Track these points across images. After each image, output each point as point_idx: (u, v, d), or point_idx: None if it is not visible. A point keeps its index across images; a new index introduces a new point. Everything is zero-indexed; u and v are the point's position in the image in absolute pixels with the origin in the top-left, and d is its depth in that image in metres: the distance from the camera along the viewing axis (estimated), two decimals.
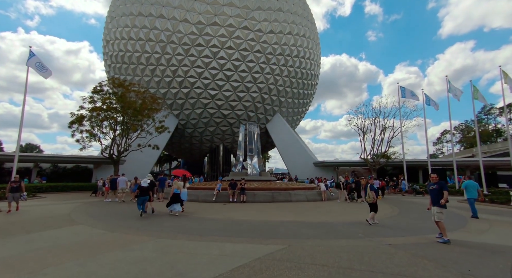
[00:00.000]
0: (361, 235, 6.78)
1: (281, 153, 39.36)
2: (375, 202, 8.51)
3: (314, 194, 16.44)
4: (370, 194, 8.59)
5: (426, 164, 32.62)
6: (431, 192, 6.74)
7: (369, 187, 8.76)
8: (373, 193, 8.57)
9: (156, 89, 36.94)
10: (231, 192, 14.60)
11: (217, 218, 9.44)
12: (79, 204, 13.96)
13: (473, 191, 10.30)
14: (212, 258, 4.79)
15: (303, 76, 41.85)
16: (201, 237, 6.42)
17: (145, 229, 7.44)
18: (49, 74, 18.20)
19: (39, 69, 17.57)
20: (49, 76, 18.47)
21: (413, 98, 24.41)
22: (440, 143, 70.30)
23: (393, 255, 5.00)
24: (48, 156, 30.21)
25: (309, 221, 8.87)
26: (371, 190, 8.62)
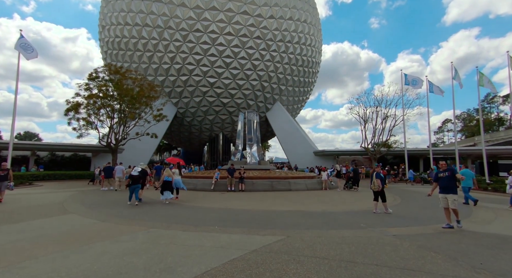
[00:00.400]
0: (363, 225, 6.49)
1: (281, 142, 39.05)
2: (380, 190, 8.23)
3: (314, 183, 16.19)
4: (375, 182, 8.32)
5: (427, 153, 32.33)
6: (441, 179, 6.52)
7: (374, 175, 8.47)
8: (379, 181, 8.29)
9: (154, 76, 36.25)
10: (229, 181, 14.33)
11: (213, 207, 9.17)
12: (75, 193, 13.72)
13: (468, 180, 10.37)
14: (205, 250, 4.49)
15: (304, 64, 41.00)
16: (196, 228, 6.13)
17: (138, 219, 7.16)
18: (34, 56, 17.48)
19: (24, 49, 16.89)
20: (32, 58, 17.74)
21: (415, 87, 23.79)
22: (441, 132, 69.90)
23: (398, 247, 4.70)
24: (45, 144, 29.92)
25: (309, 210, 8.59)
26: (376, 178, 8.33)
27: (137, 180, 10.13)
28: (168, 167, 12.41)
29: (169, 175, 10.58)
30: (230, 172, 14.53)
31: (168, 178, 10.48)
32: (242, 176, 14.54)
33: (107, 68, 25.85)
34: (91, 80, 24.89)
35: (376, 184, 8.28)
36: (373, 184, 8.38)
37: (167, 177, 10.47)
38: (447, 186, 6.38)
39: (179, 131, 44.31)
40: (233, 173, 14.51)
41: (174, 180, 10.89)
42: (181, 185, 11.37)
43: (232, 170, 14.63)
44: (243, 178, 14.52)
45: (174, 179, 10.90)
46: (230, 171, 14.61)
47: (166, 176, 10.48)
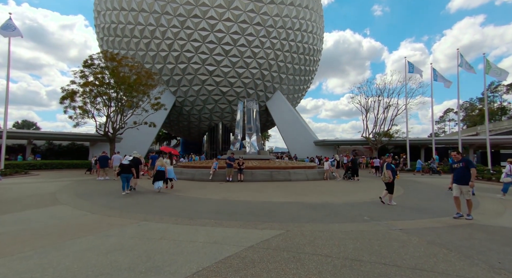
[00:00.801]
0: (367, 217, 6.15)
1: (281, 131, 38.60)
2: (391, 181, 7.92)
3: (314, 173, 15.86)
4: (386, 173, 7.96)
5: (428, 143, 31.96)
6: (455, 171, 6.48)
7: (385, 166, 8.11)
8: (390, 172, 7.95)
9: (152, 64, 35.47)
10: (228, 171, 13.99)
11: (211, 198, 8.84)
12: (70, 182, 13.41)
13: None
14: (197, 246, 4.14)
15: (305, 51, 40.05)
16: (190, 221, 5.79)
17: (130, 210, 6.83)
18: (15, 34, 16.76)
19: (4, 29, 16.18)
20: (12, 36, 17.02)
21: (420, 74, 23.15)
22: (443, 122, 69.31)
23: (406, 243, 4.35)
24: (42, 133, 29.50)
25: (309, 202, 8.26)
26: (387, 169, 7.98)
27: (127, 169, 10.02)
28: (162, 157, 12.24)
29: (162, 164, 10.53)
30: (229, 162, 14.14)
31: (161, 167, 10.44)
32: (241, 167, 14.18)
33: (103, 55, 25.14)
34: (86, 67, 24.24)
35: (387, 176, 7.93)
36: (384, 175, 8.04)
37: (160, 167, 10.44)
38: (461, 177, 6.36)
39: (178, 120, 43.79)
40: (232, 163, 14.11)
41: (168, 170, 10.84)
42: (172, 175, 11.23)
43: (231, 160, 14.22)
44: (242, 168, 14.17)
45: (168, 168, 10.84)
46: (229, 161, 14.20)
47: (159, 165, 10.46)
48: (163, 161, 10.87)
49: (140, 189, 11.32)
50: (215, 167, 14.42)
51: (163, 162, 10.68)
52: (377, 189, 11.62)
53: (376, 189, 11.82)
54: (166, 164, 10.77)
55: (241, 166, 14.28)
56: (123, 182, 9.93)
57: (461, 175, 6.34)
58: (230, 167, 13.99)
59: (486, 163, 21.73)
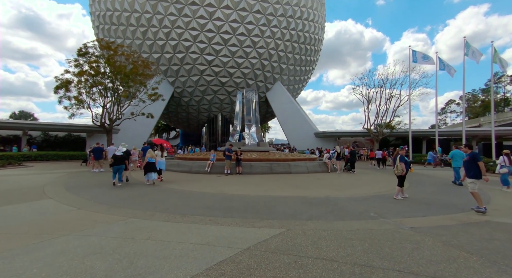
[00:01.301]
0: (373, 214, 5.71)
1: (281, 123, 38.04)
2: (404, 175, 7.53)
3: (315, 165, 15.42)
4: (399, 166, 7.52)
5: (431, 135, 31.47)
6: (464, 164, 6.42)
7: (398, 158, 7.64)
8: (403, 165, 7.52)
9: (149, 53, 34.65)
10: (226, 164, 13.53)
11: (207, 192, 8.40)
12: (63, 175, 12.98)
13: (459, 160, 10.68)
14: (188, 248, 3.70)
15: (306, 41, 39.09)
16: (182, 218, 5.34)
17: (120, 206, 6.38)
18: None
19: None
20: None
21: (426, 63, 22.40)
22: (444, 113, 68.59)
23: (420, 245, 3.91)
24: (37, 124, 28.95)
25: (311, 196, 7.82)
26: (401, 161, 7.54)
27: (120, 160, 9.95)
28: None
29: (152, 156, 10.35)
30: (227, 154, 13.66)
31: (151, 159, 10.26)
32: (239, 158, 13.70)
33: (98, 43, 24.32)
34: (80, 56, 23.50)
35: (400, 168, 7.48)
36: (397, 167, 7.58)
37: (150, 158, 10.26)
38: (467, 170, 6.42)
39: (177, 111, 43.18)
40: (231, 155, 13.63)
41: (159, 161, 10.80)
42: (162, 166, 11.22)
43: (229, 151, 13.73)
44: (240, 160, 13.70)
45: (158, 160, 10.79)
46: (227, 152, 13.71)
47: (149, 157, 10.26)
48: (153, 152, 10.70)
49: (134, 181, 10.91)
50: (213, 159, 13.96)
51: (153, 154, 10.49)
52: (382, 182, 11.22)
53: (381, 182, 11.41)
54: (156, 156, 10.61)
55: (239, 156, 13.75)
56: (114, 174, 9.82)
57: (467, 168, 6.38)
58: (229, 159, 13.51)
59: (488, 155, 21.28)
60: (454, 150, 11.58)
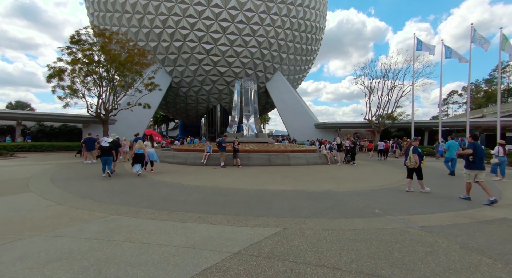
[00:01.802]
0: (378, 210, 5.24)
1: (280, 113, 37.41)
2: (417, 166, 7.22)
3: (315, 157, 14.94)
4: (412, 158, 7.18)
5: (434, 125, 30.93)
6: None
7: (411, 150, 7.28)
8: (416, 156, 7.16)
9: (146, 42, 33.77)
10: (222, 156, 13.00)
11: (200, 185, 7.92)
12: (53, 166, 12.52)
13: (454, 151, 10.86)
14: (169, 252, 3.23)
15: (307, 29, 38.06)
16: (169, 214, 4.87)
17: (104, 200, 5.92)
18: None
19: None
20: None
21: (430, 52, 21.65)
22: (446, 104, 67.78)
23: (434, 248, 3.44)
24: (32, 114, 28.35)
25: (310, 190, 7.35)
26: (414, 153, 7.19)
27: (108, 151, 9.75)
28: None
29: (140, 147, 10.24)
30: (220, 146, 12.98)
31: (139, 150, 10.15)
32: (236, 149, 13.15)
33: (91, 30, 23.44)
34: (73, 44, 22.69)
35: (413, 160, 7.15)
36: (409, 159, 7.25)
37: (139, 149, 10.17)
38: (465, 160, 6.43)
39: (175, 102, 42.52)
40: (224, 147, 13.01)
41: (148, 152, 10.72)
42: (154, 157, 11.18)
43: (223, 142, 13.06)
44: (237, 151, 13.18)
45: (148, 151, 10.72)
46: (221, 144, 13.02)
47: (138, 148, 10.18)
48: (142, 143, 10.52)
49: (126, 173, 10.46)
50: (209, 151, 13.45)
51: (141, 145, 10.35)
52: (384, 175, 10.76)
53: (383, 174, 10.95)
54: (145, 147, 10.49)
55: (236, 147, 13.11)
56: (103, 165, 9.68)
57: (466, 158, 6.40)
58: (223, 150, 12.95)
59: (492, 146, 20.77)
60: (450, 141, 11.75)
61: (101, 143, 10.47)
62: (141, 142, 10.65)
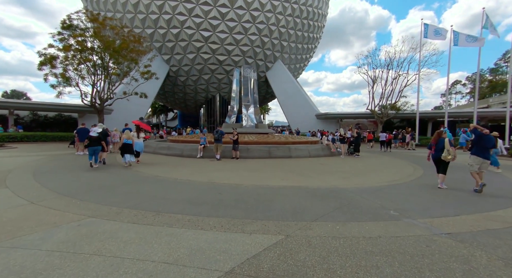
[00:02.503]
0: (394, 211, 4.60)
1: (281, 103, 36.54)
2: (453, 160, 6.67)
3: (318, 149, 14.27)
4: (450, 151, 6.48)
5: (438, 116, 30.16)
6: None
7: (447, 142, 6.54)
8: (454, 149, 6.59)
9: (142, 28, 32.63)
10: (215, 147, 12.09)
11: (194, 180, 7.26)
12: (42, 157, 11.87)
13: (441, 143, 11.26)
14: (145, 272, 2.59)
15: (309, 16, 36.76)
16: (155, 217, 4.23)
17: (84, 198, 5.27)
18: None
19: None
20: None
21: (438, 38, 20.65)
22: (449, 95, 66.59)
23: (471, 264, 2.80)
24: (24, 103, 27.49)
25: (314, 186, 6.70)
26: (451, 146, 6.59)
27: (96, 141, 9.51)
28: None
29: (128, 137, 10.06)
30: (216, 137, 12.07)
31: (127, 140, 9.97)
32: (234, 138, 12.16)
33: (84, 14, 22.32)
34: (64, 29, 21.65)
35: (452, 153, 6.49)
36: (448, 152, 6.49)
37: (127, 140, 9.99)
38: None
39: (173, 91, 41.57)
40: (220, 138, 12.09)
41: (136, 143, 10.52)
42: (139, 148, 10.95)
43: (219, 133, 12.11)
44: (237, 143, 12.38)
45: (136, 142, 10.54)
46: (216, 135, 12.09)
47: (125, 138, 10.00)
48: (130, 133, 10.40)
49: (116, 164, 9.83)
50: (203, 143, 12.66)
51: (129, 135, 10.19)
52: (392, 168, 10.10)
53: (391, 167, 10.29)
54: (133, 137, 10.33)
55: (234, 139, 12.21)
56: (90, 156, 9.44)
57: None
58: (218, 142, 12.04)
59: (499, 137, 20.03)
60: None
61: (90, 132, 9.92)
62: (128, 132, 10.55)
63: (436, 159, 6.83)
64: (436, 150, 6.82)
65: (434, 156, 6.89)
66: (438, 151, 6.73)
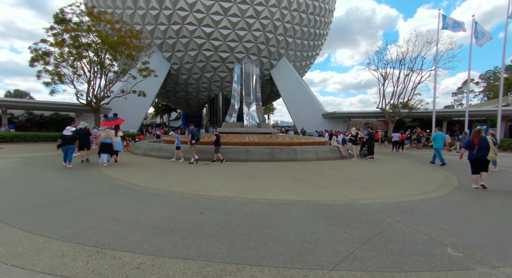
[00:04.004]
0: (453, 251, 3.07)
1: (286, 102, 35.01)
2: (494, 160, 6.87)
3: (327, 150, 12.71)
4: (495, 150, 6.42)
5: (457, 115, 28.35)
6: None
7: (491, 141, 6.21)
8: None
9: (142, 25, 31.54)
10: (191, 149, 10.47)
11: (175, 192, 5.81)
12: (17, 160, 10.61)
13: (440, 142, 11.61)
14: None
15: (315, 11, 35.21)
16: (91, 258, 2.78)
17: (17, 221, 3.86)
18: None
19: None
20: None
21: (457, 30, 18.92)
22: (460, 93, 64.13)
23: None
24: (18, 102, 26.50)
25: (327, 201, 5.19)
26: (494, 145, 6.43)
27: (70, 141, 9.18)
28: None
29: (107, 136, 9.79)
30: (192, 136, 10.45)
31: (106, 139, 9.70)
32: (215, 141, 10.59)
33: (77, 8, 21.14)
34: (57, 24, 20.52)
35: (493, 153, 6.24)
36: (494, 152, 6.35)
37: (105, 139, 9.71)
38: None
39: (175, 90, 40.42)
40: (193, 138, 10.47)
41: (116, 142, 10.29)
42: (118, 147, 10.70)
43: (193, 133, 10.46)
44: (218, 143, 10.60)
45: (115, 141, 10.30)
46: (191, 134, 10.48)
47: (104, 137, 9.74)
48: (109, 132, 10.07)
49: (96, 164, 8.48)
50: (178, 144, 10.79)
51: (109, 134, 9.88)
52: (416, 174, 8.50)
53: (414, 173, 8.67)
54: (112, 136, 10.04)
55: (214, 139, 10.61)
56: (64, 154, 9.16)
57: None
58: (192, 144, 10.50)
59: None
60: (437, 132, 12.02)
61: (63, 132, 9.32)
62: (108, 131, 10.15)
63: (478, 159, 6.35)
64: (480, 150, 6.32)
65: (476, 155, 6.36)
66: (482, 150, 6.30)
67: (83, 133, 10.33)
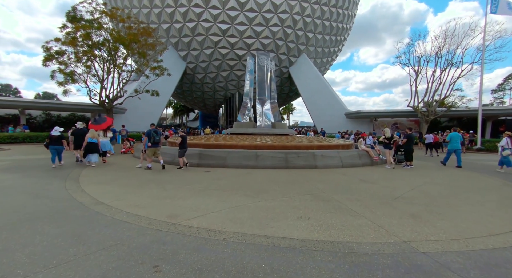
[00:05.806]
0: None
1: (306, 101, 32.85)
2: None
3: (353, 155, 10.64)
4: None
5: (503, 114, 24.89)
6: None
7: None
8: None
9: (158, 24, 30.93)
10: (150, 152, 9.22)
11: (141, 216, 4.15)
12: (6, 163, 9.63)
13: (456, 143, 10.92)
14: None
15: (338, 3, 32.85)
16: None
17: None
18: None
19: None
20: None
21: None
22: (502, 90, 58.26)
23: None
24: (34, 102, 26.65)
25: (365, 245, 3.32)
26: None
27: (56, 141, 9.30)
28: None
29: (93, 136, 9.76)
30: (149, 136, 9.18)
31: (92, 139, 9.64)
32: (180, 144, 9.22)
33: (89, 5, 20.55)
34: (70, 22, 20.05)
35: None
36: None
37: (91, 139, 9.64)
38: None
39: (191, 90, 39.61)
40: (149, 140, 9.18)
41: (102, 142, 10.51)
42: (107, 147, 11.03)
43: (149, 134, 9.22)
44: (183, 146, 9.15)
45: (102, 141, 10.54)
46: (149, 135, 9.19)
47: (90, 137, 9.68)
48: (95, 132, 9.99)
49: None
50: (146, 146, 9.29)
51: (94, 134, 9.84)
52: (484, 191, 6.25)
53: (480, 190, 6.42)
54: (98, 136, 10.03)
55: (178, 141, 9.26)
56: (52, 155, 9.21)
57: None
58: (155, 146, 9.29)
59: None
60: (452, 133, 11.51)
61: (51, 132, 9.43)
62: (93, 130, 10.04)
63: None
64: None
65: None
66: None
67: (80, 133, 10.38)
